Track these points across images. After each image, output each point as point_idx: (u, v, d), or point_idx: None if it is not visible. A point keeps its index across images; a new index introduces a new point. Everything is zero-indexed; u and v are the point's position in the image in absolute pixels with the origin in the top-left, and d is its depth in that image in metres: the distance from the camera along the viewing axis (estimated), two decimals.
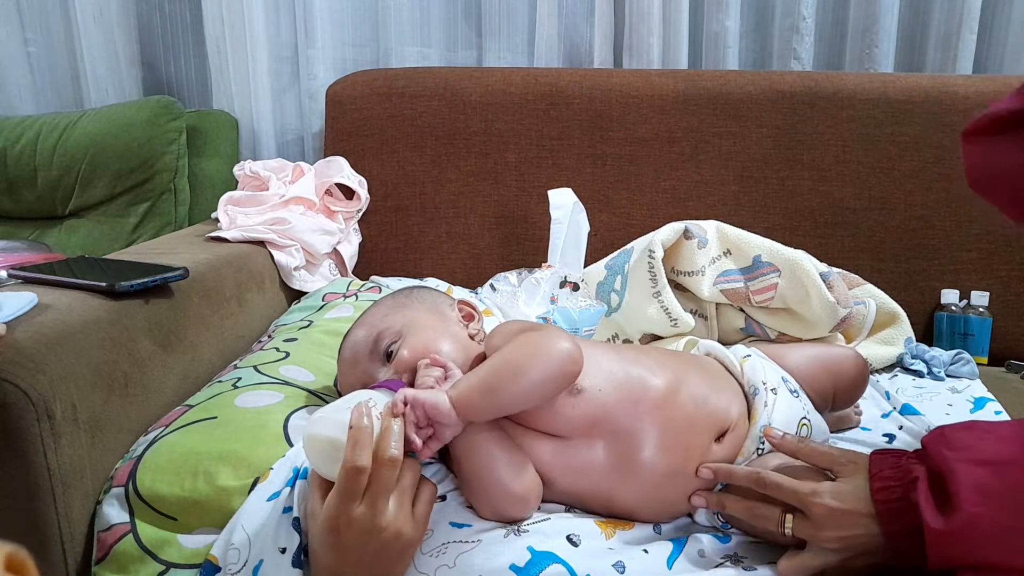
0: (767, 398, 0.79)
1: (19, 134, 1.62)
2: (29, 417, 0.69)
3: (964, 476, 0.59)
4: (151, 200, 1.58)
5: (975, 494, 0.58)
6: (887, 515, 0.63)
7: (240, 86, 1.68)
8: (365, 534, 0.61)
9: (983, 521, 0.57)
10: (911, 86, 1.42)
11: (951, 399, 1.07)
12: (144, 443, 0.79)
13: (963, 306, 1.34)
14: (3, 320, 0.73)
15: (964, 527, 0.57)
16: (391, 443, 0.63)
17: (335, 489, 0.62)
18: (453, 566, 0.66)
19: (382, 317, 0.83)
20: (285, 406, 0.84)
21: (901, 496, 0.62)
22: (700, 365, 0.85)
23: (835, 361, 0.91)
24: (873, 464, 0.66)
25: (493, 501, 0.71)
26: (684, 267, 1.19)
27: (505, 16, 1.68)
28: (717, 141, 1.45)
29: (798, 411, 0.80)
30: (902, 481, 0.63)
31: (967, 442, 0.62)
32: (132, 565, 0.72)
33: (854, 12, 1.60)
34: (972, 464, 0.60)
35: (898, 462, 0.65)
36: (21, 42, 1.74)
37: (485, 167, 1.51)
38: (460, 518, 0.72)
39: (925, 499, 0.60)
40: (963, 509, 0.58)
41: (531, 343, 0.73)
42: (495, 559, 0.66)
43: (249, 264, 1.20)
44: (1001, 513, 0.57)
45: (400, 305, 0.86)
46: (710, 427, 0.77)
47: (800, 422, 0.79)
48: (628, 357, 0.80)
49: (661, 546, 0.72)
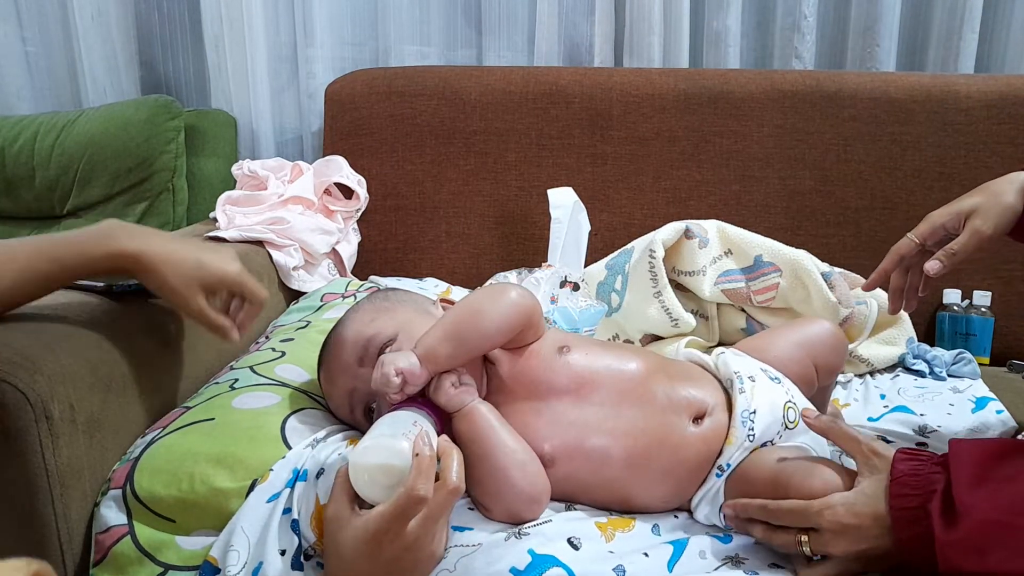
0: (744, 385, 0.80)
1: (17, 133, 1.61)
2: (27, 417, 0.69)
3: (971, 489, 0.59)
4: (149, 200, 1.57)
5: (983, 503, 0.57)
6: (901, 523, 0.63)
7: (239, 85, 1.67)
8: (407, 551, 0.63)
9: (989, 529, 0.57)
10: (912, 85, 1.41)
11: (953, 399, 1.07)
12: (141, 445, 0.79)
13: (965, 306, 1.34)
14: None
15: (971, 536, 0.57)
16: (454, 472, 0.65)
17: (390, 509, 0.63)
18: (454, 570, 0.66)
19: (368, 322, 0.83)
20: (282, 408, 0.84)
21: (918, 505, 0.62)
22: (674, 362, 0.90)
23: (812, 339, 0.92)
24: (896, 468, 0.65)
25: (508, 503, 0.72)
26: (685, 267, 1.19)
27: (505, 15, 1.68)
28: (718, 140, 1.45)
29: (781, 395, 0.81)
30: (923, 490, 0.62)
31: (978, 454, 0.62)
32: (130, 567, 0.71)
33: (855, 11, 1.59)
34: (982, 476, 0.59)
35: (920, 468, 0.64)
36: (19, 41, 1.73)
37: (485, 166, 1.51)
38: (461, 521, 0.72)
39: (936, 511, 0.60)
40: (970, 517, 0.57)
41: (483, 291, 0.86)
42: (496, 563, 0.66)
43: (247, 264, 1.17)
44: (1007, 517, 0.57)
45: (384, 309, 0.85)
46: (684, 407, 0.79)
47: (785, 405, 0.80)
48: (607, 344, 0.88)
49: (662, 548, 0.72)
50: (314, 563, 0.71)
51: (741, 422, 0.77)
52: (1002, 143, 1.38)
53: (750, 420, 0.77)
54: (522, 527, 0.71)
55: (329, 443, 0.78)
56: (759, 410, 0.78)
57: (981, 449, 0.63)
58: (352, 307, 0.89)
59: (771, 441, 0.78)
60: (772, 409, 0.79)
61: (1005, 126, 1.37)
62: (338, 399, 0.83)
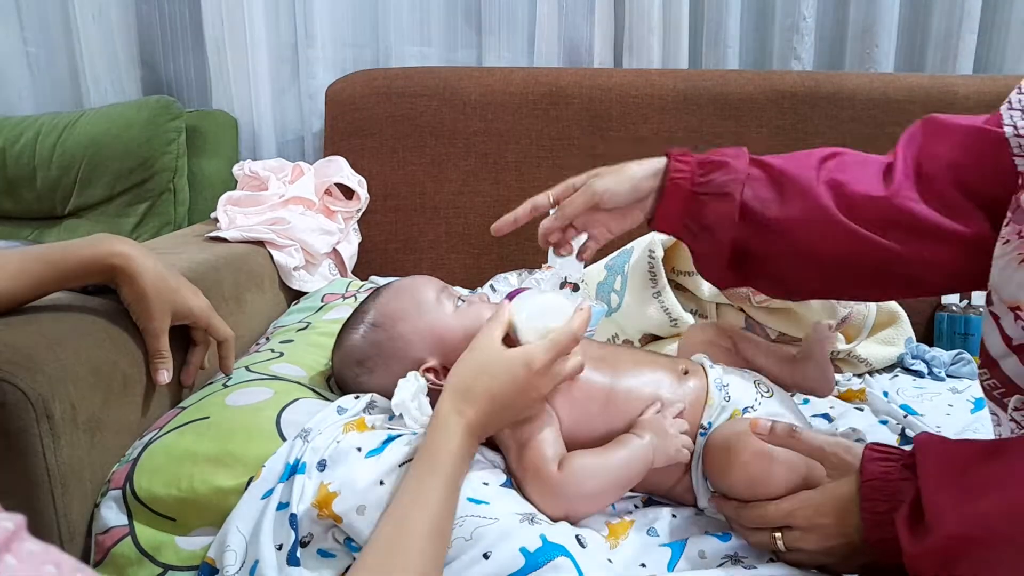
0: (714, 365, 0.87)
1: (18, 134, 1.61)
2: (28, 417, 0.69)
3: (938, 499, 0.58)
4: (150, 200, 1.57)
5: (951, 512, 0.57)
6: (871, 527, 0.63)
7: (240, 86, 1.68)
8: (541, 378, 0.73)
9: (957, 543, 0.56)
10: (911, 86, 1.41)
11: (951, 399, 1.07)
12: (139, 446, 0.79)
13: (964, 306, 1.34)
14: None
15: (938, 549, 0.57)
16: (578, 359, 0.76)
17: (551, 344, 0.73)
18: (469, 538, 0.67)
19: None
20: (276, 401, 0.83)
21: (886, 511, 0.62)
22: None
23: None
24: (866, 468, 0.65)
25: (589, 509, 0.76)
26: (684, 267, 1.19)
27: (505, 15, 1.68)
28: (717, 141, 1.45)
29: (747, 376, 0.87)
30: (891, 499, 0.62)
31: (946, 460, 0.61)
32: (130, 568, 0.71)
33: (854, 12, 1.60)
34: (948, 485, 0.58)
35: (890, 473, 0.63)
36: (20, 42, 1.73)
37: (485, 167, 1.51)
38: (478, 495, 0.72)
39: (903, 523, 0.59)
40: (938, 528, 0.57)
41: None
42: (508, 540, 0.67)
43: (248, 264, 1.20)
44: (974, 531, 0.56)
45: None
46: (671, 362, 0.87)
47: (755, 382, 0.86)
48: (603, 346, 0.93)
49: (660, 552, 0.73)
50: (313, 550, 0.71)
51: (716, 388, 0.83)
52: None
53: (724, 388, 0.83)
54: (536, 515, 0.72)
55: (325, 433, 0.78)
56: (730, 383, 0.84)
57: (952, 452, 0.62)
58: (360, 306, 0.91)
59: (751, 407, 0.82)
60: (742, 382, 0.85)
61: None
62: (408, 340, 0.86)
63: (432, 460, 0.69)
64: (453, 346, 0.82)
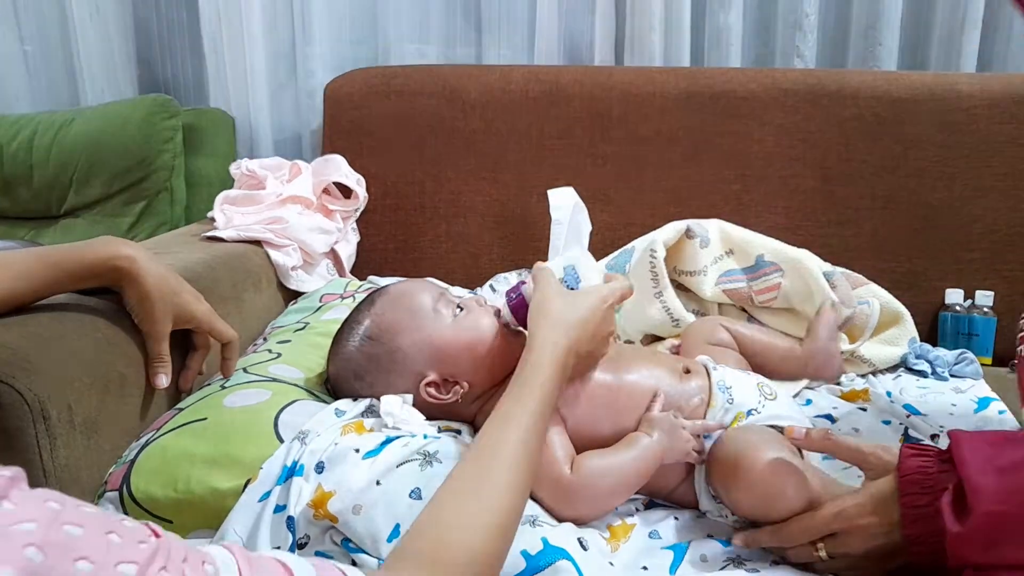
0: (717, 367, 0.88)
1: (15, 133, 1.60)
2: (25, 418, 0.69)
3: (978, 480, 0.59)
4: (147, 199, 1.57)
5: (991, 489, 0.58)
6: (911, 520, 0.63)
7: (237, 84, 1.67)
8: (610, 314, 0.80)
9: (998, 520, 0.57)
10: (915, 84, 1.41)
11: (955, 399, 1.06)
12: (136, 447, 0.79)
13: (967, 306, 1.34)
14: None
15: (980, 528, 0.58)
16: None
17: (617, 286, 0.81)
18: None
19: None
20: (274, 403, 0.83)
21: (927, 503, 0.62)
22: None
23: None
24: (904, 464, 0.65)
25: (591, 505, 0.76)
26: (686, 267, 1.19)
27: (505, 13, 1.67)
28: (719, 139, 1.44)
29: (752, 378, 0.87)
30: (932, 488, 0.63)
31: (980, 446, 0.62)
32: None
33: (857, 9, 1.59)
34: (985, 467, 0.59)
35: (928, 466, 0.64)
36: (17, 40, 1.73)
37: (485, 166, 1.50)
38: None
39: (947, 507, 0.60)
40: (980, 506, 0.58)
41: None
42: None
43: (246, 264, 1.19)
44: (1012, 508, 0.57)
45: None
46: (673, 360, 0.88)
47: (758, 384, 0.86)
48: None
49: (662, 555, 0.73)
50: (310, 552, 0.71)
51: (720, 390, 0.84)
52: (1004, 142, 1.37)
53: (728, 390, 0.84)
54: (538, 518, 0.71)
55: (324, 435, 0.78)
56: (734, 386, 0.84)
57: (985, 439, 0.63)
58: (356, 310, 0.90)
59: (754, 410, 0.82)
60: (745, 385, 0.85)
61: (1007, 125, 1.37)
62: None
63: (525, 386, 0.70)
64: (453, 357, 0.82)
